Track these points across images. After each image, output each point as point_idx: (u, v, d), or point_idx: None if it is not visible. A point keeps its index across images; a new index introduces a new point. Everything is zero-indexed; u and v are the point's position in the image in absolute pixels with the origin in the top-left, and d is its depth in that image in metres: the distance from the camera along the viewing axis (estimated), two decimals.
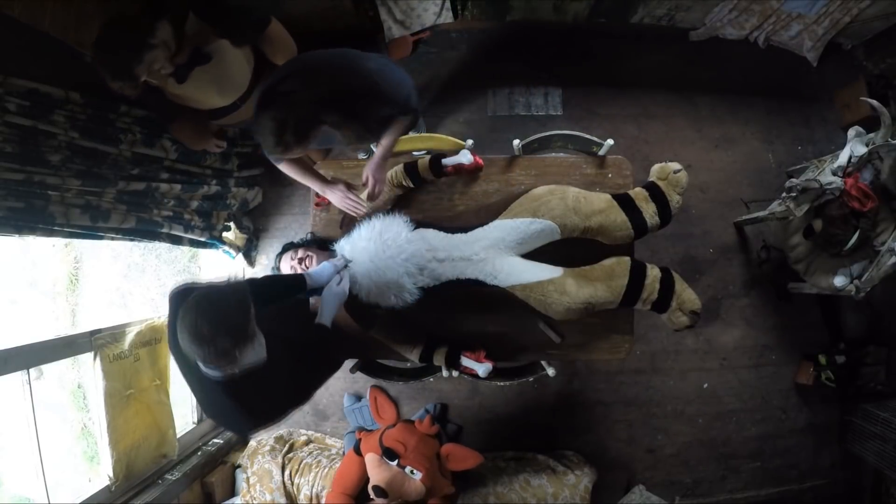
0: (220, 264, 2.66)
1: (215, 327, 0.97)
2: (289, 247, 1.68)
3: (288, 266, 1.62)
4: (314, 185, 1.61)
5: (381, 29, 2.42)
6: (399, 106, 1.38)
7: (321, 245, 1.68)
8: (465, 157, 1.64)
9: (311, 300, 1.46)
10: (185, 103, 1.75)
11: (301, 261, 1.59)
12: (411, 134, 2.12)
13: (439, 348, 1.65)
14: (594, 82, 2.74)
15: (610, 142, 1.73)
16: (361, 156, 2.37)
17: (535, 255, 1.59)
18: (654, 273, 1.52)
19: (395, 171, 1.64)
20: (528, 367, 1.97)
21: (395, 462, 1.82)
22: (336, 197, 1.59)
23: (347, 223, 1.67)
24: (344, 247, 1.56)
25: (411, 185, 1.66)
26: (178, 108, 1.76)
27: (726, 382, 2.59)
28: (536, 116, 2.72)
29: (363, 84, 1.30)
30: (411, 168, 1.63)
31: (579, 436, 2.55)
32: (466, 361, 1.62)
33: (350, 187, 1.61)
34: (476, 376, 1.63)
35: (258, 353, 1.13)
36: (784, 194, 2.06)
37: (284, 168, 1.56)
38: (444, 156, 1.66)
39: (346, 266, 1.45)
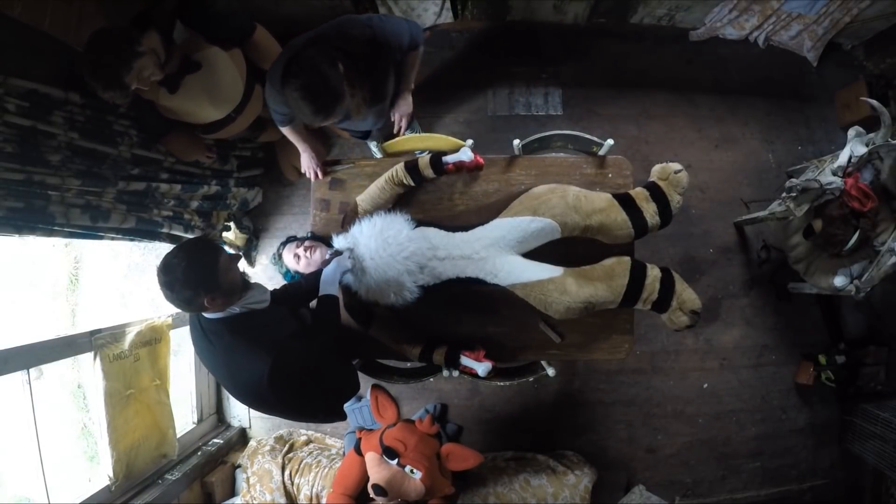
0: None
1: (176, 278, 1.10)
2: (292, 238, 1.70)
3: (291, 255, 1.62)
4: (299, 144, 1.78)
5: None
6: (406, 41, 1.49)
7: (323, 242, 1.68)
8: (466, 155, 1.64)
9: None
10: (179, 117, 1.76)
11: (307, 249, 1.60)
12: (410, 134, 2.13)
13: (439, 347, 1.65)
14: (594, 82, 2.74)
15: (610, 142, 1.73)
16: (375, 152, 2.36)
17: (535, 254, 1.59)
18: (654, 273, 1.52)
19: (396, 169, 1.64)
20: (528, 367, 1.96)
21: (395, 461, 1.82)
22: (304, 158, 1.80)
23: (348, 223, 1.67)
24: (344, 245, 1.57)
25: (412, 184, 1.66)
26: (169, 123, 1.78)
27: (726, 382, 2.59)
28: (536, 116, 2.72)
29: (366, 33, 1.40)
30: (412, 166, 1.63)
31: (579, 436, 2.55)
32: (466, 361, 1.62)
33: (318, 156, 1.81)
34: (476, 376, 1.63)
35: (253, 296, 1.27)
36: (784, 194, 2.06)
37: (285, 131, 1.72)
38: (445, 154, 1.66)
39: (340, 253, 1.52)
